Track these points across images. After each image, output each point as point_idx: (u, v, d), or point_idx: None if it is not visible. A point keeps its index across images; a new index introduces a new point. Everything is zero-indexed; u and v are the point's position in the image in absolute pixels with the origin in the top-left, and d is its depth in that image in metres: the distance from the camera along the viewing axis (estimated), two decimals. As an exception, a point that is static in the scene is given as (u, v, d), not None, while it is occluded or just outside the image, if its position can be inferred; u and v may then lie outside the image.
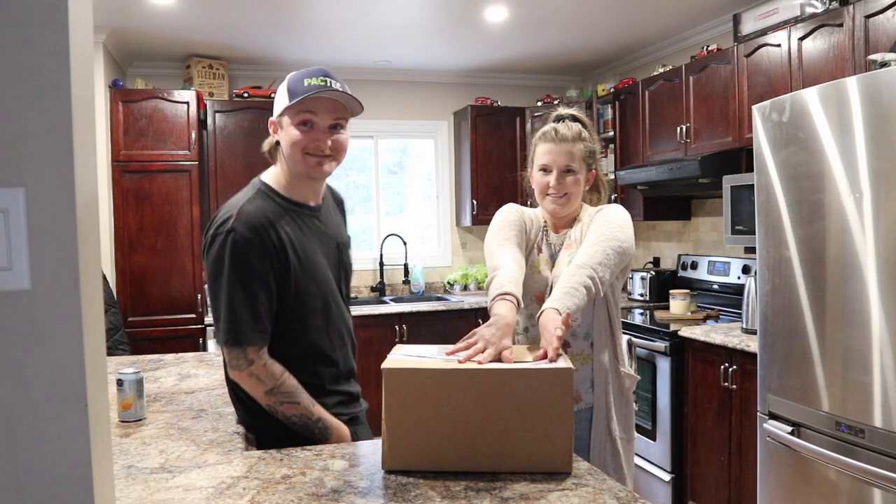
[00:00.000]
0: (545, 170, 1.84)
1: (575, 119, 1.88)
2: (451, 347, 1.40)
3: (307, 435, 1.54)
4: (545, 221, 1.94)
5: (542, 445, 1.28)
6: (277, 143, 1.61)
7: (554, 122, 1.88)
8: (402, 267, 5.02)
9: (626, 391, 1.86)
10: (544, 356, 1.37)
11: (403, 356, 1.36)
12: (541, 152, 1.85)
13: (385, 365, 1.28)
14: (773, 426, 2.38)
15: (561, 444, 1.28)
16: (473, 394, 1.27)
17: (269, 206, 1.55)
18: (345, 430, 1.59)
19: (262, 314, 1.51)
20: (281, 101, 1.56)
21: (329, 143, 1.55)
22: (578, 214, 1.91)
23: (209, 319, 4.17)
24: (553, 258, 1.89)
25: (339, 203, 1.84)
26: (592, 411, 1.83)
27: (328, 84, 1.52)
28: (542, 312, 1.54)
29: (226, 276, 1.49)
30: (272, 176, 1.63)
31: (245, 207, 1.52)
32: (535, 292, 1.87)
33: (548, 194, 1.84)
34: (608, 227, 1.75)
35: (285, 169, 1.61)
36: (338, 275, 1.70)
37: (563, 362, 1.32)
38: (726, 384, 2.92)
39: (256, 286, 1.50)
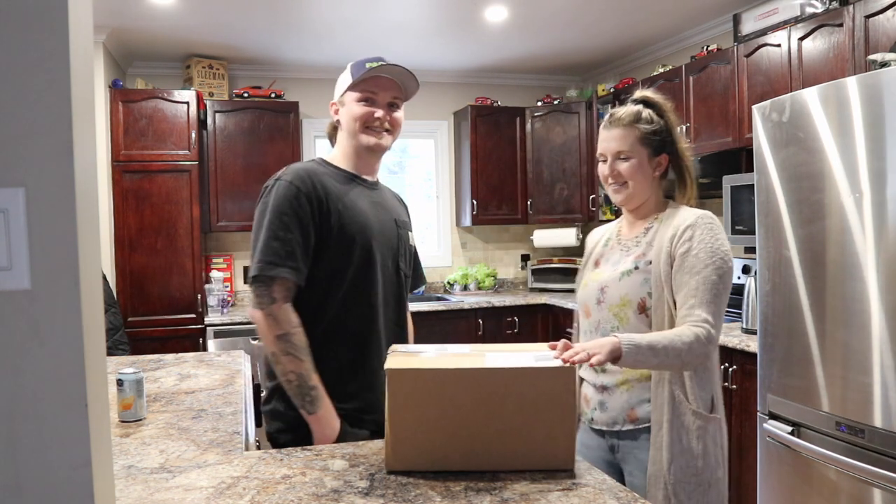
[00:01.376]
0: (602, 159, 1.72)
1: (642, 101, 1.71)
2: (449, 347, 1.41)
3: (296, 402, 1.54)
4: (620, 229, 1.79)
5: (545, 444, 1.28)
6: (336, 123, 1.76)
7: (624, 104, 1.75)
8: (402, 267, 5.02)
9: (692, 430, 1.57)
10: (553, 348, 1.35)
11: (404, 356, 1.36)
12: (598, 140, 1.74)
13: (388, 365, 1.28)
14: (773, 426, 2.38)
15: (563, 442, 1.29)
16: (477, 393, 1.27)
17: (319, 168, 1.69)
18: (335, 419, 1.56)
19: (297, 253, 1.56)
20: (343, 82, 1.71)
21: (388, 117, 1.70)
22: (657, 213, 1.71)
23: (209, 319, 4.18)
24: (616, 262, 1.71)
25: (403, 203, 1.95)
26: (650, 434, 1.61)
27: (386, 65, 1.68)
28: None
29: (267, 217, 1.58)
30: (329, 154, 1.78)
31: (295, 165, 1.70)
32: (584, 305, 1.75)
33: (609, 184, 1.71)
34: (702, 275, 1.54)
35: (344, 146, 1.74)
36: (395, 247, 1.75)
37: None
38: (726, 384, 2.92)
39: (294, 226, 1.57)
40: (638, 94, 1.74)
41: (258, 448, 1.67)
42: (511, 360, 1.33)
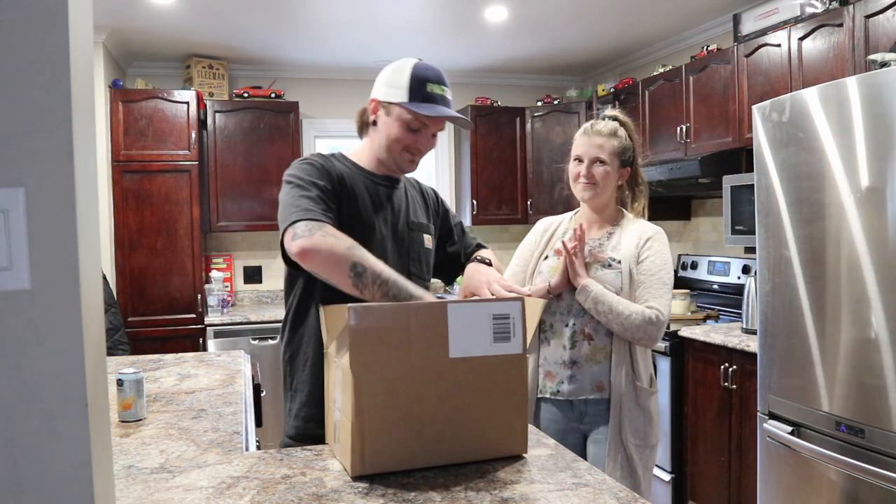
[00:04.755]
0: (578, 160, 2.02)
1: (615, 119, 2.05)
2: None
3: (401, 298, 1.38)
4: (579, 226, 1.99)
5: (502, 431, 1.32)
6: (373, 122, 1.66)
7: (596, 119, 2.08)
8: (402, 267, 5.01)
9: (642, 402, 1.95)
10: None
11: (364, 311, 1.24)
12: (576, 144, 2.05)
13: (353, 368, 1.22)
14: (773, 426, 2.38)
15: (518, 428, 1.34)
16: (440, 388, 1.26)
17: (337, 161, 1.65)
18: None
19: (322, 202, 1.49)
20: (397, 90, 1.60)
21: (429, 144, 1.68)
22: (618, 219, 2.08)
23: (209, 319, 4.18)
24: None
25: (425, 195, 1.88)
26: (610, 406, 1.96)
27: (445, 95, 1.62)
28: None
29: (289, 183, 1.53)
30: (352, 150, 1.73)
31: (314, 153, 1.66)
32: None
33: (579, 182, 2.01)
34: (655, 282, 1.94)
35: (375, 149, 1.68)
36: (405, 252, 1.68)
37: (518, 348, 1.31)
38: (726, 384, 2.92)
39: (317, 185, 1.52)
40: (609, 112, 2.09)
41: (258, 448, 1.67)
42: (472, 329, 1.27)
